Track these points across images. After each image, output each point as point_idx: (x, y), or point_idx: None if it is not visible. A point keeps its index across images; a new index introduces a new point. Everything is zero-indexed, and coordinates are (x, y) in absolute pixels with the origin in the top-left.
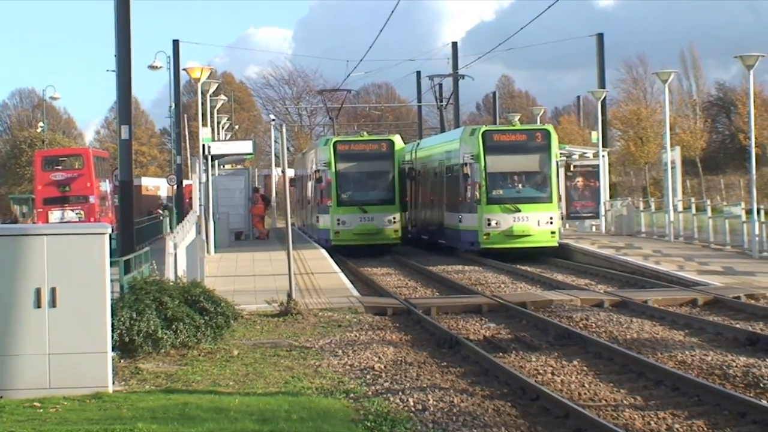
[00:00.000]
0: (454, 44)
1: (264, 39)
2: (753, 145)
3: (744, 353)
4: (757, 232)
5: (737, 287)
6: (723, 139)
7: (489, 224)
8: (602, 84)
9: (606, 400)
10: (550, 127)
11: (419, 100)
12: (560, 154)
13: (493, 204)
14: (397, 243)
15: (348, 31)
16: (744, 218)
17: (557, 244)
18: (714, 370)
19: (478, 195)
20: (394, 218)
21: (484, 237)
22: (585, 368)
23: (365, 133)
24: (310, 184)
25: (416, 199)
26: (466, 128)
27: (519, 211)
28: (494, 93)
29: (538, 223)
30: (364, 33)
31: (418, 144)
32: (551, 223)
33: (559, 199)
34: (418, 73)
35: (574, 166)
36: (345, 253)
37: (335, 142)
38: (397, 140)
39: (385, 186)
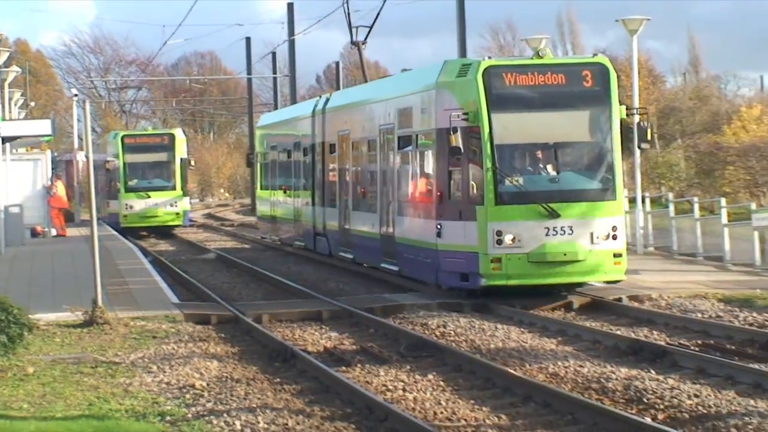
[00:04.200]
0: (290, 5)
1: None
2: (637, 122)
3: (625, 364)
4: (641, 224)
5: (618, 288)
6: None
7: (500, 242)
8: (463, 52)
9: (466, 420)
10: (604, 60)
11: (249, 72)
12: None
13: (507, 204)
14: (179, 225)
15: None
16: (627, 208)
17: (624, 277)
18: (591, 383)
19: (476, 187)
20: (175, 202)
21: (492, 266)
22: (442, 383)
23: (150, 127)
24: (102, 173)
25: (322, 191)
26: (448, 63)
27: (556, 216)
28: (337, 63)
29: (592, 239)
30: None
31: (328, 100)
32: (615, 237)
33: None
34: (248, 39)
35: None
36: (135, 236)
37: (123, 136)
38: (178, 133)
39: (166, 174)
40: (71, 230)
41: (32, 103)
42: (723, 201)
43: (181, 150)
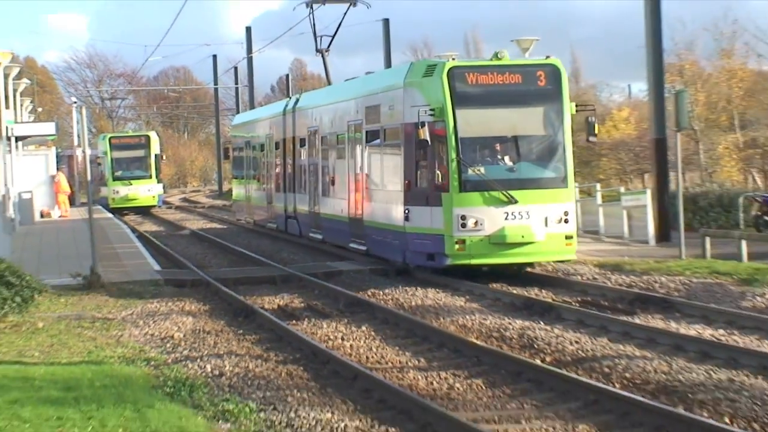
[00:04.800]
0: (248, 29)
1: (60, 24)
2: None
3: (520, 317)
4: None
5: None
6: None
7: (464, 225)
8: (388, 66)
9: (392, 363)
10: (557, 62)
11: (215, 83)
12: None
13: (470, 191)
14: (154, 206)
15: (144, 18)
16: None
17: (575, 257)
18: (492, 332)
19: (441, 176)
20: (151, 188)
21: (456, 247)
22: (373, 333)
23: (131, 130)
24: (95, 166)
25: (293, 179)
26: (414, 64)
27: (514, 202)
28: (287, 75)
29: (546, 222)
30: (161, 19)
31: (298, 100)
32: (567, 221)
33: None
34: (214, 57)
35: None
36: (121, 214)
37: (110, 137)
38: (153, 135)
39: (144, 166)
40: (72, 211)
41: (39, 109)
42: (598, 186)
43: (155, 147)
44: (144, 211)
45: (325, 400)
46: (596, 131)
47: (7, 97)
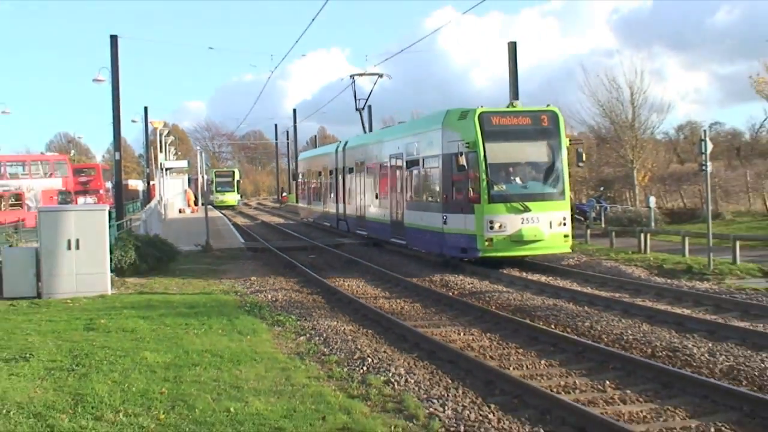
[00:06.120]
0: (294, 110)
1: (191, 106)
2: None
3: (440, 271)
4: None
5: None
6: None
7: (491, 227)
8: (371, 130)
9: (371, 294)
10: (555, 109)
11: (276, 139)
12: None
13: (496, 202)
14: (235, 205)
15: (236, 103)
16: None
17: (570, 250)
18: (425, 279)
19: (474, 191)
20: (234, 197)
21: (486, 243)
22: (362, 279)
23: (226, 166)
24: (207, 186)
25: (344, 193)
26: (450, 111)
27: (528, 210)
28: (315, 136)
29: (550, 225)
30: (246, 103)
31: (347, 143)
32: (564, 224)
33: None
34: (275, 125)
35: None
36: (221, 210)
37: (215, 171)
38: (236, 171)
39: (231, 185)
40: (194, 207)
41: (179, 153)
42: None
43: (237, 176)
44: (231, 208)
45: (333, 314)
46: (583, 159)
47: (161, 146)
